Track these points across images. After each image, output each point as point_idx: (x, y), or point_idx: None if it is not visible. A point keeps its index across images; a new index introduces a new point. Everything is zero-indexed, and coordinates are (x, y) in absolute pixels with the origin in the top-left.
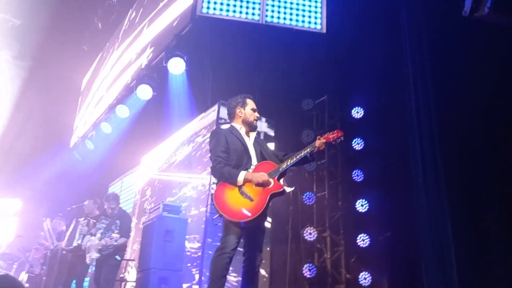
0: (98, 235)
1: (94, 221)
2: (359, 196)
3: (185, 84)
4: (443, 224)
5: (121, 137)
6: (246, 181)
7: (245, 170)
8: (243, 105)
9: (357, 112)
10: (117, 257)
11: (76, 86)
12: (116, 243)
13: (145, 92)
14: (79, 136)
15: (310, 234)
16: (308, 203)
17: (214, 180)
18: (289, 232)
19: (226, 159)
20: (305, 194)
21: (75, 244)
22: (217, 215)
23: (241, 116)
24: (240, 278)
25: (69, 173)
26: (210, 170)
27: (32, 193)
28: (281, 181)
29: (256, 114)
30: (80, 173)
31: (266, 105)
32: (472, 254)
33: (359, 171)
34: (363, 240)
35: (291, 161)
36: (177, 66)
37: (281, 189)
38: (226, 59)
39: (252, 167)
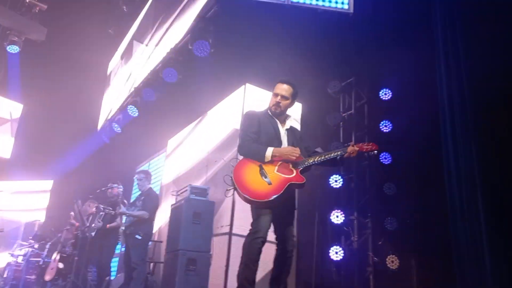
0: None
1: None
2: (387, 179)
3: (211, 67)
4: (475, 207)
5: (148, 121)
6: (273, 157)
7: None
8: (273, 89)
9: (385, 94)
10: (138, 236)
11: (103, 70)
12: (133, 213)
13: (171, 75)
14: (107, 119)
15: (337, 217)
16: (335, 186)
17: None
18: (316, 215)
19: (256, 140)
20: (332, 177)
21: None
22: (231, 188)
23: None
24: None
25: (97, 156)
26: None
27: (64, 175)
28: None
29: (277, 98)
30: (108, 155)
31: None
32: (505, 238)
33: (386, 154)
34: (390, 223)
35: (319, 159)
36: (202, 49)
37: (302, 182)
38: (252, 41)
39: None
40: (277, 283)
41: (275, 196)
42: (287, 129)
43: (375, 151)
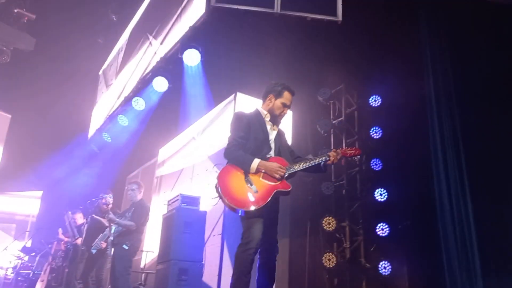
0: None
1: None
2: (378, 185)
3: (201, 75)
4: (465, 212)
5: (138, 130)
6: (258, 169)
7: (260, 159)
8: (278, 95)
9: (375, 101)
10: (125, 246)
11: (93, 79)
12: (121, 222)
13: (161, 84)
14: (97, 128)
15: (329, 224)
16: (326, 193)
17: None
18: (308, 222)
19: (243, 145)
20: (324, 184)
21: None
22: (217, 196)
23: (269, 105)
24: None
25: (88, 165)
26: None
27: (53, 186)
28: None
29: (285, 110)
30: (98, 165)
31: None
32: (495, 243)
33: (377, 160)
34: (382, 229)
35: (303, 165)
36: (192, 58)
37: (288, 189)
38: (242, 50)
39: (267, 158)
40: None
41: (262, 205)
42: (276, 135)
43: (358, 156)
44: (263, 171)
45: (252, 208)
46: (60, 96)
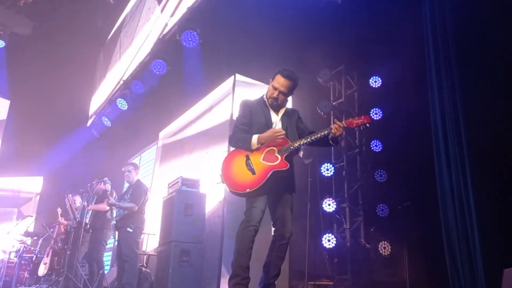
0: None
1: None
2: (378, 167)
3: (200, 57)
4: (465, 191)
5: (138, 113)
6: (260, 143)
7: None
8: (272, 79)
9: (375, 82)
10: (129, 229)
11: (92, 63)
12: (122, 205)
13: (159, 67)
14: (96, 113)
15: (329, 205)
16: (326, 175)
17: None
18: (308, 203)
19: (246, 131)
20: (323, 165)
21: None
22: (219, 182)
23: (268, 89)
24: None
25: (88, 150)
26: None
27: (54, 170)
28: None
29: (275, 93)
30: (98, 149)
31: None
32: (495, 222)
33: (377, 142)
34: (382, 210)
35: (304, 142)
36: (191, 39)
37: (286, 168)
38: (240, 31)
39: None
40: (271, 267)
41: (258, 186)
42: (283, 115)
43: (367, 124)
44: (266, 148)
45: (248, 190)
46: (59, 80)
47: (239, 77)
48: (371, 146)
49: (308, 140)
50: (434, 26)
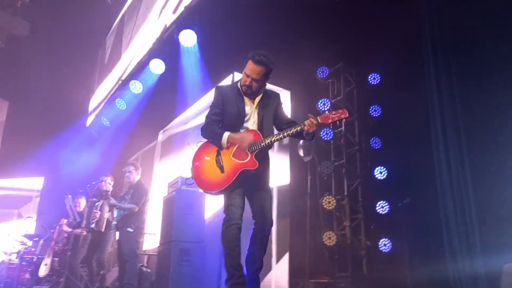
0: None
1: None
2: (378, 164)
3: (198, 56)
4: (465, 188)
5: (137, 113)
6: (229, 143)
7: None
8: (245, 65)
9: (374, 79)
10: (129, 229)
11: (91, 61)
12: (123, 206)
13: (157, 66)
14: (96, 113)
15: (328, 202)
16: (326, 172)
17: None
18: (308, 201)
19: (218, 122)
20: (323, 163)
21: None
22: (190, 177)
23: None
24: None
25: (87, 150)
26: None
27: (54, 171)
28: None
29: (247, 80)
30: (98, 150)
31: (281, 74)
32: (494, 218)
33: (376, 139)
34: (382, 207)
35: (276, 138)
36: (188, 38)
37: (254, 167)
38: (238, 28)
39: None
40: (253, 260)
41: (226, 186)
42: (259, 103)
43: (345, 118)
44: (235, 145)
45: (216, 190)
46: (57, 80)
47: (237, 75)
48: (371, 143)
49: (281, 136)
50: (432, 21)
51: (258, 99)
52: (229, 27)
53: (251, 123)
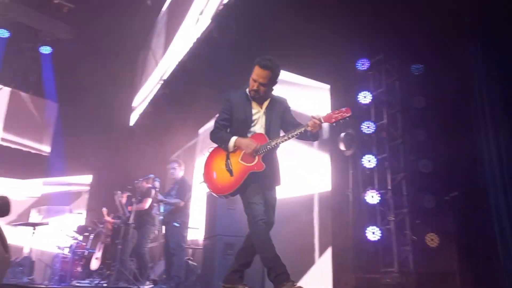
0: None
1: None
2: (422, 156)
3: (237, 54)
4: None
5: (177, 111)
6: (237, 146)
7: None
8: (252, 70)
9: (416, 69)
10: (176, 224)
11: (132, 64)
12: (170, 201)
13: (198, 64)
14: (139, 113)
15: (372, 197)
16: (368, 166)
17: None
18: (350, 195)
19: (225, 127)
20: (365, 157)
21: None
22: (202, 180)
23: None
24: None
25: (132, 148)
26: None
27: (102, 169)
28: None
29: (255, 85)
30: (142, 147)
31: (320, 67)
32: None
33: (420, 130)
34: (428, 201)
35: (280, 140)
36: (227, 36)
37: (261, 169)
38: (276, 23)
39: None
40: (248, 255)
41: (235, 188)
42: (266, 108)
43: (347, 118)
44: (242, 149)
45: (226, 193)
46: (102, 82)
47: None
48: (414, 135)
49: (285, 138)
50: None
51: (266, 103)
52: (266, 22)
53: (259, 127)
